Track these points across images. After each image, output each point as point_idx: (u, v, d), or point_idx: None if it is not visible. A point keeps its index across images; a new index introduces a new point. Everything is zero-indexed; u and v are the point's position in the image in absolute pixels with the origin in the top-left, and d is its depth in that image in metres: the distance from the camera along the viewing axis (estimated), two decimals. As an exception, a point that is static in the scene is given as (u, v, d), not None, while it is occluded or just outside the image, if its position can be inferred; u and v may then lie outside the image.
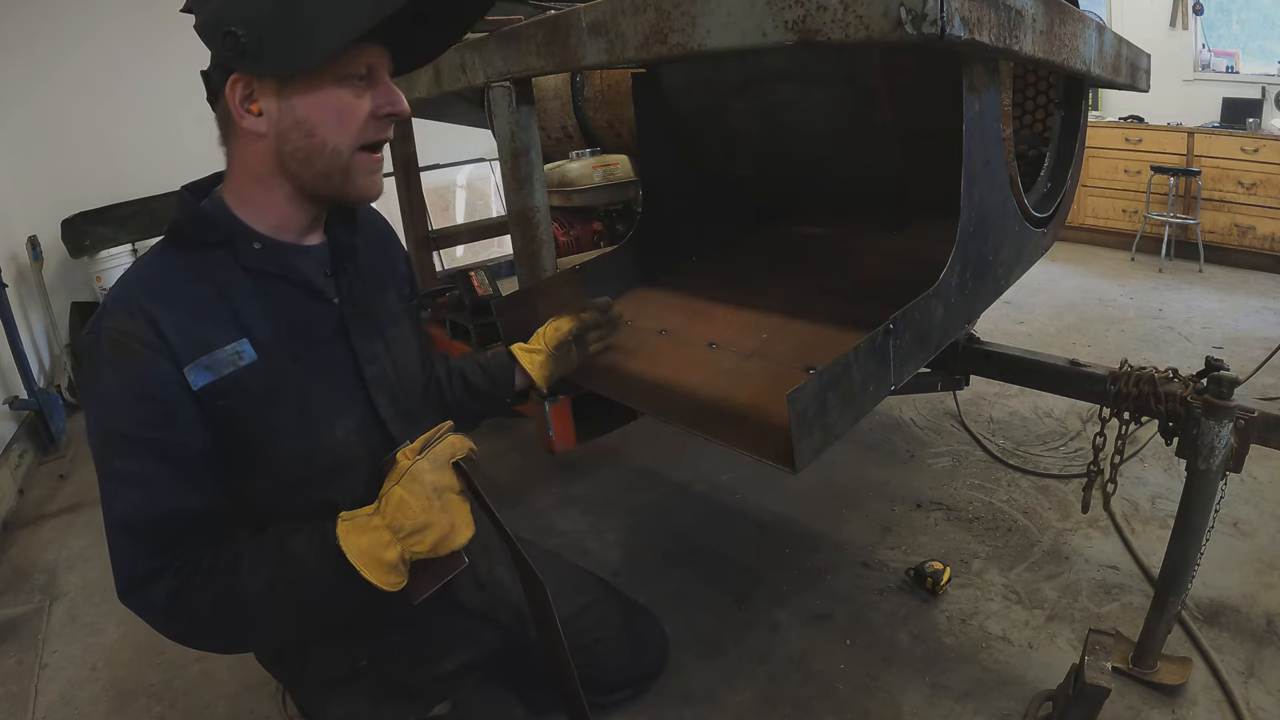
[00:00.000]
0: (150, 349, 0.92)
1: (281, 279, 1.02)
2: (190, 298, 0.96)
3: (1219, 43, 4.81)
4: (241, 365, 0.97)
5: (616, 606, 1.55)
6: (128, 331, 0.92)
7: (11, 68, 3.69)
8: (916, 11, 0.87)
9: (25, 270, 3.67)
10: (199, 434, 0.95)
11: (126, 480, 0.92)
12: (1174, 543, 1.46)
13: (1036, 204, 1.64)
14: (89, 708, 1.75)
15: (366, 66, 0.95)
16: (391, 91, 0.98)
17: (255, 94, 0.94)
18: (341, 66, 0.92)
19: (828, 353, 1.16)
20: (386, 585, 0.92)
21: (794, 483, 2.33)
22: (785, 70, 1.66)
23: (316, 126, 0.94)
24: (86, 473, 3.00)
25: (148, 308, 0.93)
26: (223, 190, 1.03)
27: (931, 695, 1.56)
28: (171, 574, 0.91)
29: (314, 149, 0.95)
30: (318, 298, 1.06)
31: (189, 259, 0.99)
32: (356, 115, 0.95)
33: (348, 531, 0.93)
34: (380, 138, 0.99)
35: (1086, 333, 3.59)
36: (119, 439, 0.92)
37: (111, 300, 0.96)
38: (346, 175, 0.98)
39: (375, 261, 1.19)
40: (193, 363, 0.94)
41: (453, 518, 0.93)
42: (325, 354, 1.07)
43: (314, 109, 0.93)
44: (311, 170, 0.97)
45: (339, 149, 0.96)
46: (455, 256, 4.31)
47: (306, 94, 0.93)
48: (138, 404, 0.92)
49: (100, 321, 0.94)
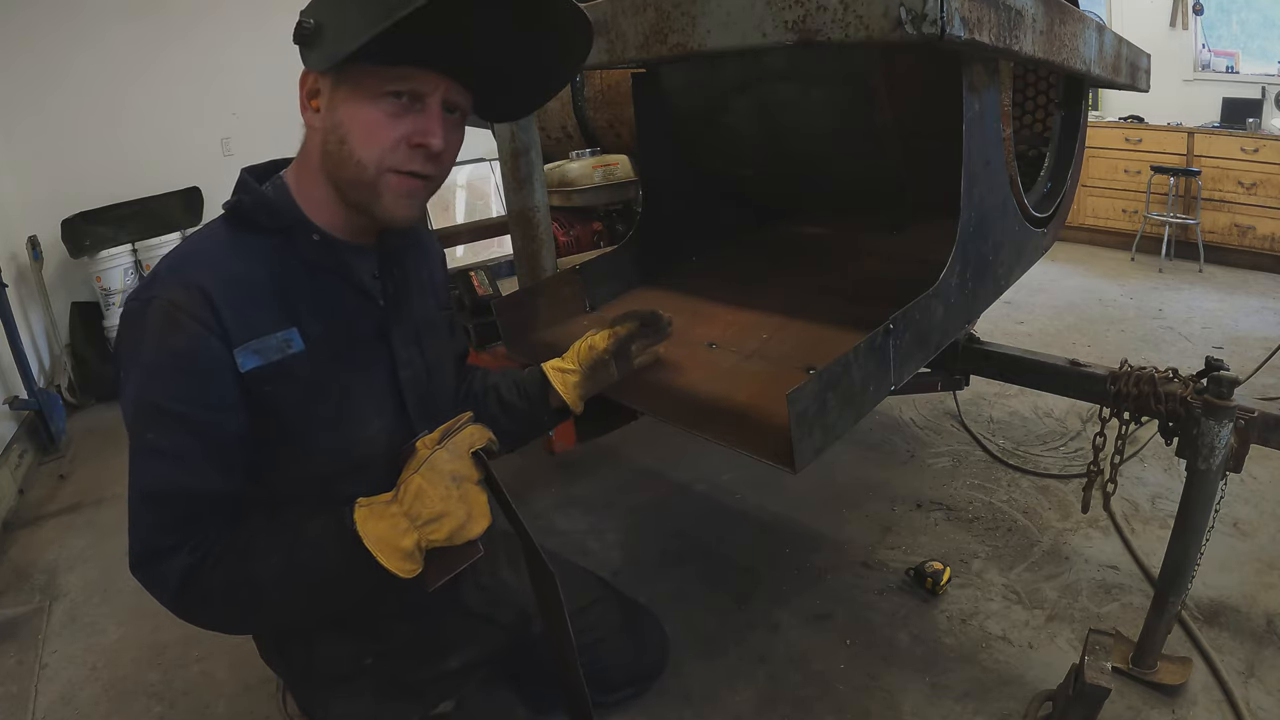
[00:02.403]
0: (203, 325, 0.91)
1: (335, 274, 1.03)
2: (246, 280, 0.96)
3: (1219, 43, 4.81)
4: (289, 354, 0.97)
5: (617, 606, 1.55)
6: (180, 304, 0.91)
7: (13, 69, 3.70)
8: (916, 11, 0.87)
9: (25, 270, 3.67)
10: (238, 417, 0.95)
11: (158, 453, 0.92)
12: (1174, 543, 1.46)
13: (1036, 204, 1.64)
14: (89, 708, 1.75)
15: (413, 91, 0.94)
16: (430, 122, 0.95)
17: (318, 89, 0.96)
18: (385, 82, 0.92)
19: (828, 353, 1.16)
20: (402, 572, 0.92)
21: (794, 483, 2.33)
22: (785, 70, 1.66)
23: (348, 135, 0.94)
24: (86, 473, 3.00)
25: (204, 284, 0.92)
26: (287, 176, 1.04)
27: (931, 695, 1.56)
28: (188, 551, 0.91)
29: (343, 157, 0.95)
30: (365, 297, 1.07)
31: (247, 241, 0.99)
32: (387, 135, 0.94)
33: (365, 517, 0.93)
34: (410, 167, 0.96)
35: (1086, 333, 3.59)
36: (156, 412, 0.91)
37: (166, 270, 0.96)
38: (373, 192, 0.97)
39: (419, 269, 1.20)
40: (243, 345, 0.94)
41: (470, 507, 0.94)
42: (365, 353, 1.07)
43: (349, 116, 0.94)
44: (340, 177, 0.98)
45: (363, 163, 0.95)
46: (455, 256, 4.30)
47: (348, 100, 0.93)
48: (181, 379, 0.91)
49: (150, 289, 0.93)
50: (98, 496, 2.76)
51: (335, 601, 1.01)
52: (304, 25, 0.90)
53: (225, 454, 0.95)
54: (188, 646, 1.87)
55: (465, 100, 1.00)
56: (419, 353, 1.15)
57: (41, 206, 3.73)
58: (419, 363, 1.15)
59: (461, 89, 0.99)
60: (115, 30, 3.94)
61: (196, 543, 0.92)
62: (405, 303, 1.13)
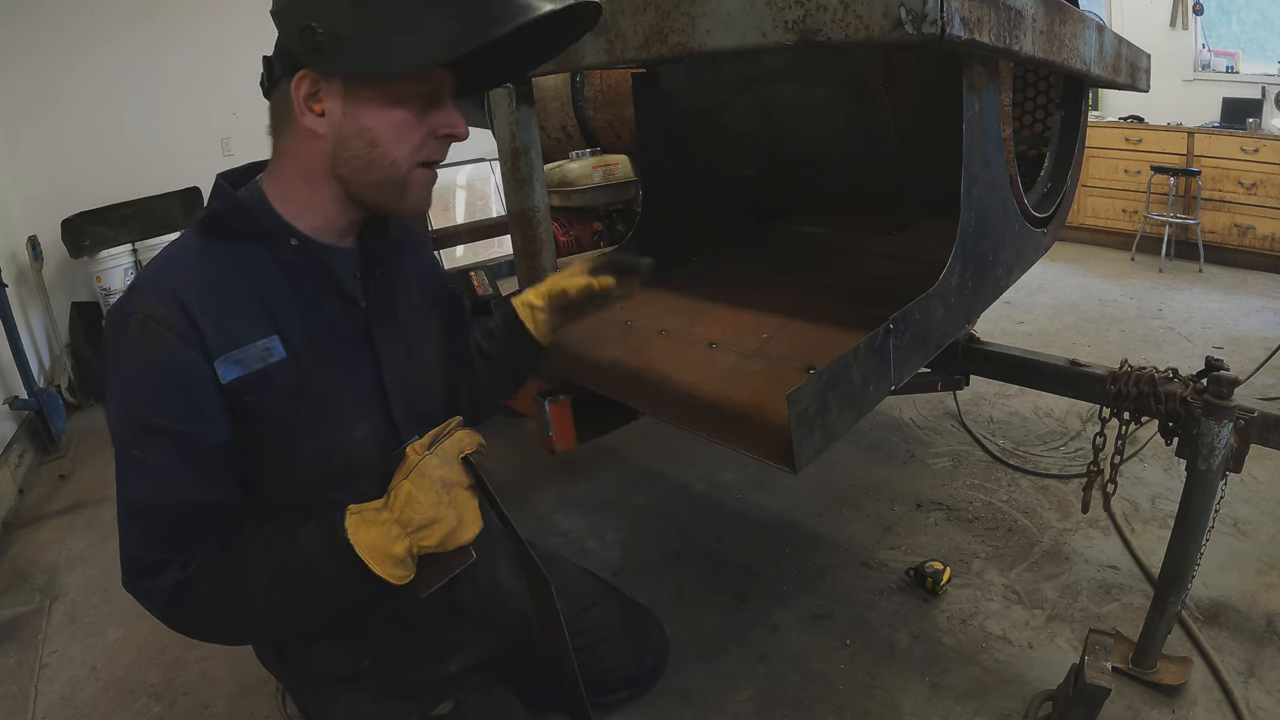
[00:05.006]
0: (181, 338, 0.90)
1: (315, 278, 1.02)
2: (224, 289, 0.95)
3: (1219, 43, 4.81)
4: (271, 362, 0.96)
5: (617, 607, 1.55)
6: (159, 318, 0.90)
7: (14, 70, 3.70)
8: (916, 11, 0.87)
9: (25, 270, 3.67)
10: (222, 428, 0.94)
11: (143, 469, 0.91)
12: (1174, 543, 1.46)
13: (1036, 204, 1.64)
14: (89, 708, 1.75)
15: (433, 86, 0.95)
16: (453, 113, 0.98)
17: (321, 93, 0.92)
18: (413, 84, 0.93)
19: (828, 353, 1.16)
20: (394, 579, 0.92)
21: (794, 483, 2.33)
22: (785, 70, 1.67)
23: (379, 138, 0.94)
24: (86, 473, 3.00)
25: (182, 296, 0.91)
26: (263, 181, 1.01)
27: (931, 695, 1.56)
28: (179, 565, 0.91)
29: (374, 160, 0.95)
30: (346, 300, 1.05)
31: (223, 249, 0.97)
32: (418, 132, 0.95)
33: (356, 525, 0.93)
34: (437, 157, 1.00)
35: (1086, 333, 3.59)
36: (140, 427, 0.91)
37: (143, 282, 0.95)
38: (402, 189, 0.98)
39: (403, 267, 1.17)
40: (223, 356, 0.93)
41: (460, 513, 0.93)
42: (349, 356, 1.06)
43: (378, 120, 0.93)
44: (365, 180, 0.97)
45: (398, 162, 0.95)
46: (455, 256, 4.31)
47: (373, 104, 0.92)
48: (163, 393, 0.91)
49: (129, 303, 0.93)
50: (98, 496, 2.76)
51: (329, 609, 1.01)
52: (314, 32, 0.86)
53: (211, 466, 0.94)
54: (188, 647, 1.87)
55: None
56: (406, 354, 1.13)
57: (41, 206, 3.73)
58: (406, 365, 1.13)
59: None
60: (116, 31, 3.94)
61: (188, 557, 0.92)
62: (389, 304, 1.11)
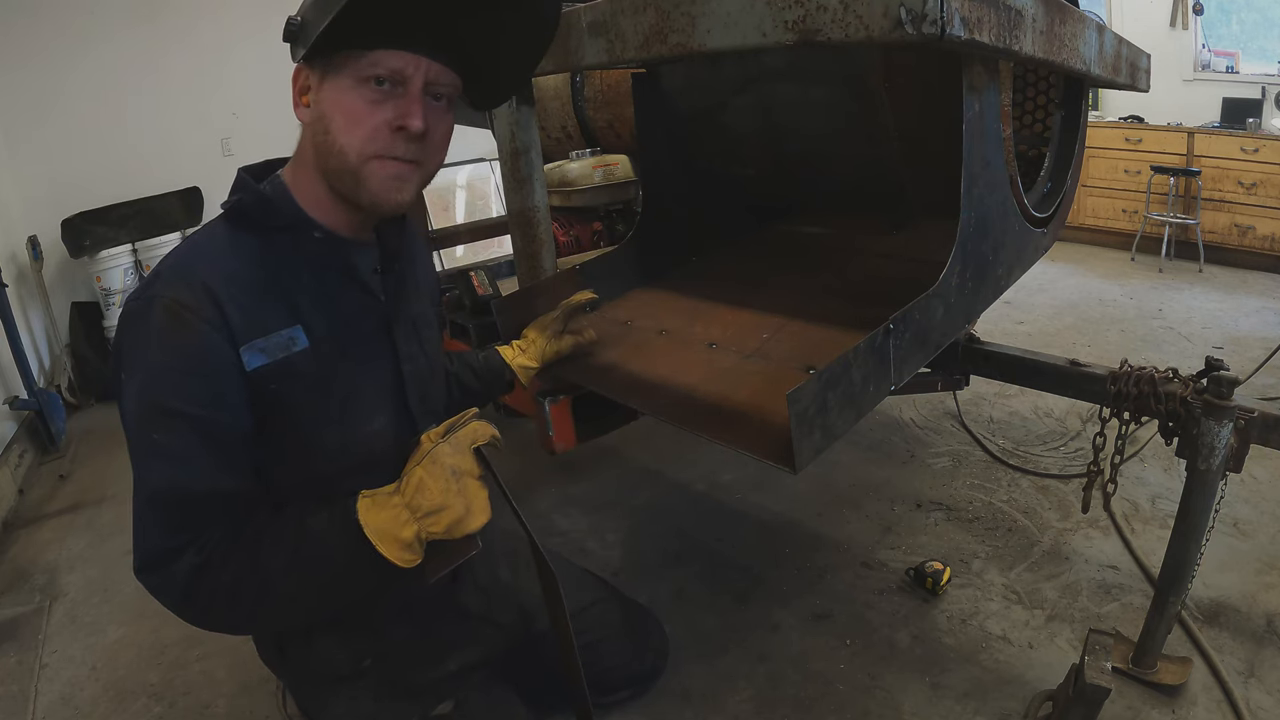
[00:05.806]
0: (209, 324, 0.91)
1: (337, 271, 1.03)
2: (250, 278, 0.96)
3: (1219, 43, 4.81)
4: (295, 351, 0.97)
5: (617, 606, 1.55)
6: (186, 304, 0.91)
7: (14, 70, 3.70)
8: (916, 11, 0.87)
9: (25, 270, 3.67)
10: (244, 416, 0.95)
11: (163, 454, 0.91)
12: (1174, 543, 1.46)
13: (1036, 204, 1.64)
14: (89, 708, 1.75)
15: (394, 75, 0.93)
16: (410, 105, 0.94)
17: (308, 85, 0.96)
18: (365, 68, 0.92)
19: (828, 353, 1.16)
20: (401, 562, 0.92)
21: (794, 483, 2.33)
22: (785, 70, 1.67)
23: (330, 124, 0.94)
24: (86, 473, 3.00)
25: (210, 283, 0.92)
26: (284, 175, 1.04)
27: (931, 695, 1.56)
28: (194, 552, 0.91)
29: (328, 146, 0.95)
30: (367, 294, 1.07)
31: (249, 240, 0.99)
32: (368, 121, 0.93)
33: (367, 508, 0.94)
34: (393, 151, 0.95)
35: (1086, 333, 3.59)
36: (161, 412, 0.91)
37: (168, 269, 0.95)
38: (357, 179, 0.97)
39: (415, 265, 1.20)
40: (248, 343, 0.94)
41: (469, 502, 0.94)
42: (369, 349, 1.08)
43: (332, 106, 0.94)
44: (326, 167, 0.98)
45: (345, 151, 0.95)
46: (455, 256, 4.31)
47: (331, 91, 0.94)
48: (188, 379, 0.91)
49: (153, 288, 0.93)
50: (98, 496, 2.76)
51: (342, 595, 1.01)
52: (291, 22, 0.92)
53: (232, 453, 0.94)
54: (187, 646, 1.87)
55: (452, 82, 0.99)
56: (419, 348, 1.16)
57: (41, 206, 3.73)
58: (420, 358, 1.16)
59: (447, 70, 0.98)
60: (116, 31, 3.94)
61: (203, 542, 0.92)
62: (405, 298, 1.14)
